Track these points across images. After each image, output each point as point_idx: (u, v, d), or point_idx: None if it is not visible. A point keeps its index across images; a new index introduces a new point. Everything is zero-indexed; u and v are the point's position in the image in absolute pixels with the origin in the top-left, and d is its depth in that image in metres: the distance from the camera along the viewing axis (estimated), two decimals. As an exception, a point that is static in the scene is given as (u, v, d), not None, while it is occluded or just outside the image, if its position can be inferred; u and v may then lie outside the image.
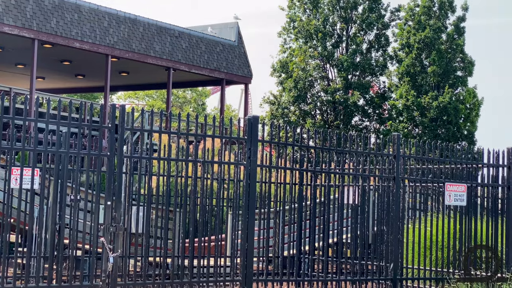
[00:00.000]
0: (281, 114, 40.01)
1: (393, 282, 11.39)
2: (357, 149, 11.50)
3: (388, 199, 11.70)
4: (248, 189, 10.00)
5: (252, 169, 10.04)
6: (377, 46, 40.38)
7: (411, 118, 38.42)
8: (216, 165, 10.42)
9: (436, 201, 12.65)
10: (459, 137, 37.63)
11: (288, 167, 10.91)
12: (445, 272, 11.90)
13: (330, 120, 39.90)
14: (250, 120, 10.15)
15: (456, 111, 37.32)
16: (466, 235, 12.14)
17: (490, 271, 11.96)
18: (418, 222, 12.37)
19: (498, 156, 12.67)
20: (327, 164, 11.31)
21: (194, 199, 10.07)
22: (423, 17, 38.91)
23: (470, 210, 12.29)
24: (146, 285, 9.44)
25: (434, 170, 12.34)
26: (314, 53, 39.97)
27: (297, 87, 39.42)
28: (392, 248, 11.47)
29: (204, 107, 63.61)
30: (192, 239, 9.96)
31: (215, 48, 31.92)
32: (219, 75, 32.15)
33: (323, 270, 11.13)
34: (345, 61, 38.96)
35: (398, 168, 11.65)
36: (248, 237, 9.93)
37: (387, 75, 40.88)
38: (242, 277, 9.86)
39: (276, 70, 40.71)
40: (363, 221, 11.56)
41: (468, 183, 12.30)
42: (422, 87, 38.53)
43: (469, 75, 38.91)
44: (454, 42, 38.47)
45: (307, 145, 11.40)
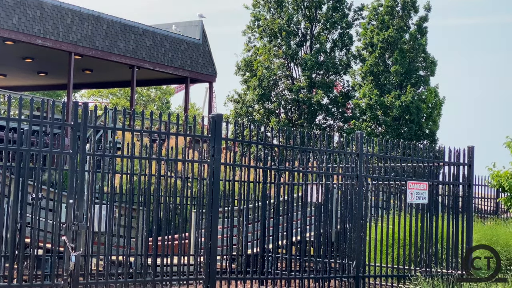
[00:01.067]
0: (246, 112, 40.02)
1: (355, 280, 11.47)
2: (321, 147, 11.56)
3: (351, 197, 11.78)
4: (211, 187, 9.99)
5: (216, 167, 10.03)
6: (341, 45, 40.61)
7: (374, 117, 38.71)
8: (180, 163, 10.39)
9: (398, 199, 12.77)
10: (421, 136, 38.01)
11: (252, 165, 10.93)
12: (407, 269, 12.01)
13: (294, 118, 40.02)
14: (214, 118, 10.14)
15: (418, 110, 37.70)
16: (427, 232, 12.26)
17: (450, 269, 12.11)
18: (381, 220, 12.47)
19: (459, 154, 12.83)
20: (291, 163, 11.34)
21: (157, 197, 10.03)
22: (387, 17, 39.22)
23: (432, 208, 12.42)
24: (108, 284, 9.38)
25: (396, 169, 12.46)
26: (279, 52, 40.06)
27: (261, 85, 39.47)
28: (354, 246, 11.55)
29: (168, 106, 63.34)
30: (156, 238, 9.92)
31: (180, 46, 31.82)
32: (183, 73, 32.05)
33: (287, 268, 11.17)
34: (309, 60, 39.11)
35: (361, 166, 11.74)
36: (212, 235, 9.92)
37: (351, 74, 41.13)
38: (205, 276, 9.85)
39: (240, 69, 40.71)
40: (326, 219, 11.62)
41: (430, 181, 12.43)
42: (385, 86, 38.84)
43: (431, 74, 39.33)
44: (416, 42, 38.85)
45: (271, 144, 11.42)
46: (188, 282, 9.88)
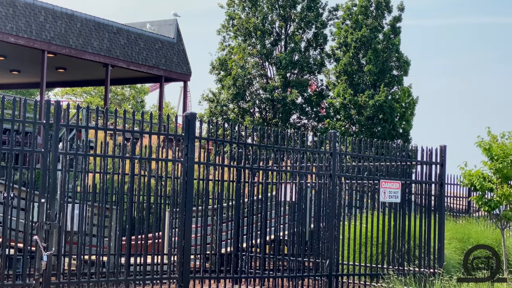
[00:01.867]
0: (220, 111, 40.00)
1: (328, 278, 11.52)
2: (295, 146, 11.59)
3: (325, 196, 11.82)
4: (185, 186, 9.97)
5: (190, 166, 10.01)
6: (315, 44, 40.74)
7: (348, 116, 38.87)
8: (153, 162, 10.36)
9: (372, 198, 12.84)
10: (395, 135, 38.25)
11: (225, 164, 10.93)
12: (380, 267, 12.08)
13: (269, 118, 40.07)
14: (187, 117, 10.13)
15: (391, 110, 37.92)
16: (400, 231, 12.35)
17: (425, 267, 12.21)
18: (354, 219, 12.53)
19: (431, 153, 12.93)
20: (265, 162, 11.36)
21: (131, 196, 10.00)
22: (360, 17, 39.40)
23: (405, 206, 12.50)
24: (81, 284, 9.33)
25: (370, 168, 12.52)
26: (253, 51, 40.09)
27: (236, 84, 39.47)
28: (328, 245, 11.60)
29: (143, 105, 63.10)
30: (129, 237, 9.89)
31: (154, 45, 31.72)
32: (157, 72, 31.95)
33: (261, 267, 11.18)
34: (283, 59, 39.18)
35: (335, 165, 11.78)
36: (185, 234, 9.91)
37: (325, 73, 41.28)
38: (178, 275, 9.83)
39: (215, 68, 40.67)
40: (300, 218, 11.65)
41: (403, 180, 12.51)
42: (359, 86, 39.02)
43: (405, 74, 39.59)
44: (390, 41, 39.08)
45: (245, 143, 11.42)
46: (161, 281, 9.85)
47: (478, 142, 14.45)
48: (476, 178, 14.32)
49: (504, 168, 13.97)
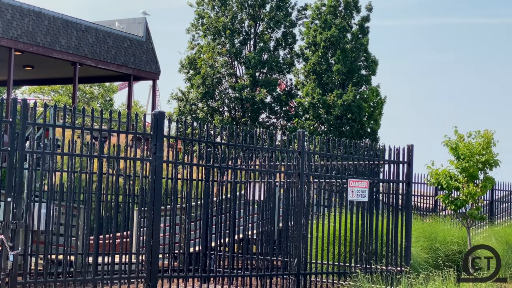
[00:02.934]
0: (189, 110, 39.93)
1: (296, 277, 11.56)
2: (263, 145, 11.61)
3: (293, 195, 11.86)
4: (153, 185, 9.94)
5: (158, 165, 9.98)
6: (284, 44, 40.84)
7: (317, 115, 39.02)
8: (122, 161, 10.31)
9: (340, 197, 12.91)
10: (363, 135, 38.49)
11: (194, 163, 10.92)
12: (347, 266, 12.16)
13: (238, 117, 40.09)
14: (156, 115, 10.09)
15: (360, 109, 38.14)
16: (367, 230, 12.43)
17: (391, 265, 12.30)
18: (322, 218, 12.59)
19: (398, 153, 13.03)
20: (234, 161, 11.37)
21: (99, 195, 9.95)
22: (329, 16, 39.58)
23: (372, 205, 12.59)
24: (47, 284, 9.26)
25: (338, 167, 12.59)
26: (222, 50, 40.07)
27: (205, 83, 39.43)
28: (296, 244, 11.64)
29: (111, 103, 62.71)
30: (97, 236, 9.83)
31: (123, 44, 31.55)
32: (126, 71, 31.79)
33: (229, 266, 11.19)
34: (252, 58, 39.21)
35: (303, 164, 11.83)
36: (154, 233, 9.88)
37: (294, 73, 41.41)
38: (146, 274, 9.80)
39: (184, 67, 40.59)
40: (269, 217, 11.67)
41: (370, 179, 12.60)
42: (327, 85, 39.19)
43: (373, 74, 39.85)
44: (358, 41, 39.30)
45: (214, 142, 11.41)
46: (129, 281, 9.81)
47: (445, 142, 14.60)
48: (442, 177, 14.46)
49: (470, 167, 14.14)
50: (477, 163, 14.13)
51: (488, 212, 21.38)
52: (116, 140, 10.25)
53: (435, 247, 15.40)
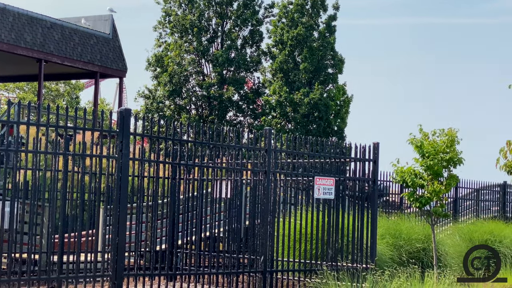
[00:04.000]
0: (156, 108, 39.77)
1: (263, 275, 11.59)
2: (230, 143, 11.61)
3: (260, 193, 11.88)
4: (119, 182, 9.88)
5: (124, 163, 9.93)
6: (251, 42, 40.87)
7: (284, 114, 39.12)
8: (88, 159, 10.24)
9: (306, 194, 12.95)
10: (330, 133, 38.68)
11: (160, 160, 10.88)
12: (314, 263, 12.21)
13: (205, 115, 40.02)
14: (122, 113, 10.04)
15: (326, 108, 38.31)
16: (334, 227, 12.49)
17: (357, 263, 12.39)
18: (289, 215, 12.62)
19: (364, 151, 13.11)
20: (201, 158, 11.35)
21: (64, 193, 9.87)
22: (296, 15, 39.69)
23: (338, 203, 12.65)
24: (11, 282, 9.16)
25: (304, 165, 12.63)
26: (190, 48, 39.97)
27: (172, 81, 39.30)
28: (262, 241, 11.66)
29: (78, 101, 62.20)
30: (62, 235, 9.75)
31: (89, 41, 31.32)
32: (93, 68, 31.57)
33: (195, 264, 11.17)
34: (220, 56, 39.17)
35: (269, 162, 11.85)
36: (119, 231, 9.83)
37: (261, 71, 41.47)
38: (112, 272, 9.74)
39: (151, 64, 40.42)
40: (236, 215, 11.68)
41: (336, 177, 12.65)
42: (294, 84, 39.30)
43: (340, 72, 40.05)
44: (325, 40, 39.46)
45: (181, 139, 11.37)
46: (94, 279, 9.75)
47: (410, 140, 14.73)
48: (408, 175, 14.59)
49: (435, 165, 14.28)
50: (441, 161, 14.28)
51: (452, 210, 21.62)
52: (81, 137, 10.16)
53: (399, 244, 15.52)
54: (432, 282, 11.50)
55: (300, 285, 12.17)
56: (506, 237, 17.70)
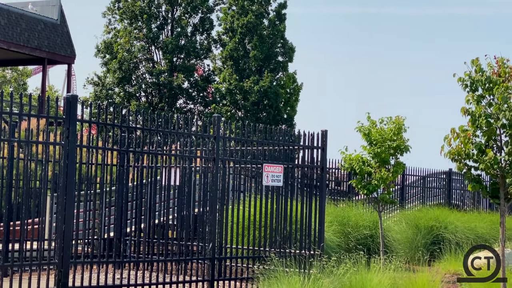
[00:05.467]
0: (106, 95, 39.39)
1: (211, 262, 11.61)
2: (178, 130, 11.57)
3: (209, 180, 11.88)
4: (66, 169, 9.77)
5: (71, 149, 9.82)
6: (201, 29, 40.71)
7: (234, 101, 39.13)
8: (34, 146, 10.10)
9: (255, 182, 12.99)
10: (280, 121, 38.84)
11: (109, 147, 10.78)
12: (262, 250, 12.27)
13: (155, 102, 39.79)
14: (68, 99, 9.91)
15: (276, 96, 38.43)
16: (282, 214, 12.56)
17: (305, 250, 12.50)
18: (238, 203, 12.65)
19: (313, 138, 13.18)
20: (149, 146, 11.28)
21: (9, 181, 9.73)
22: (246, 2, 39.65)
23: (287, 190, 12.72)
24: (-45, 271, 9.01)
25: (253, 152, 12.66)
26: (139, 35, 39.65)
27: (121, 68, 38.96)
28: (211, 229, 11.67)
29: (25, 87, 61.23)
30: (7, 223, 9.61)
31: (36, 26, 30.82)
32: (40, 54, 31.08)
33: (144, 252, 11.13)
34: (170, 43, 38.95)
35: (218, 149, 11.85)
36: (66, 219, 9.73)
37: (211, 58, 41.37)
38: (58, 260, 9.65)
39: (100, 51, 40.00)
40: (185, 203, 11.65)
41: (285, 164, 12.71)
42: (244, 71, 39.32)
43: (290, 60, 40.18)
44: (275, 28, 39.53)
45: (129, 126, 11.28)
46: (40, 267, 9.64)
47: (358, 127, 14.89)
48: (356, 162, 14.77)
49: (382, 153, 14.48)
50: (388, 148, 14.48)
51: (399, 197, 21.94)
52: (27, 124, 10.01)
53: (347, 231, 15.71)
54: (378, 268, 11.67)
55: (248, 272, 12.23)
56: (451, 223, 18.06)
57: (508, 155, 10.75)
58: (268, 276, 10.73)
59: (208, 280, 11.57)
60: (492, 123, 10.75)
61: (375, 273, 11.47)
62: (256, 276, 11.74)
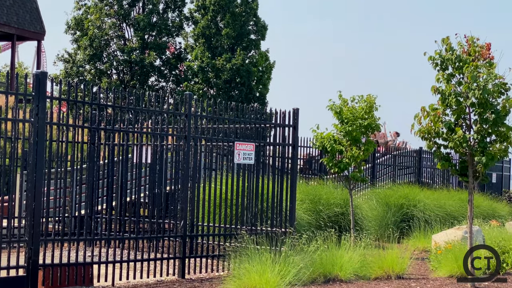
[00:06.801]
0: (76, 73, 39.04)
1: (183, 239, 11.63)
2: (150, 108, 11.53)
3: (181, 158, 11.87)
4: (35, 147, 9.70)
5: (40, 127, 9.74)
6: (173, 6, 40.41)
7: (206, 79, 39.00)
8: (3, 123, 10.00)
9: (227, 160, 13.01)
10: (252, 99, 38.81)
11: (79, 125, 10.70)
12: (234, 228, 12.32)
13: (127, 80, 39.53)
14: (38, 76, 9.82)
15: (248, 74, 38.37)
16: (253, 192, 12.60)
17: (281, 227, 12.56)
18: (209, 181, 12.66)
19: (284, 116, 13.21)
20: (121, 123, 11.22)
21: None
22: (217, -21, 39.41)
23: (259, 168, 12.76)
24: None
25: (225, 130, 12.66)
26: (111, 12, 39.27)
27: (92, 45, 38.60)
28: (183, 206, 11.69)
29: (-6, 64, 60.44)
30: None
31: (5, 2, 30.38)
32: (9, 30, 30.68)
33: (115, 229, 11.12)
34: (141, 20, 38.65)
35: (189, 127, 11.83)
36: (36, 196, 9.67)
37: (183, 36, 41.13)
38: (28, 238, 9.61)
39: (71, 28, 39.57)
40: (157, 180, 11.64)
41: (257, 142, 12.74)
42: (216, 49, 39.17)
43: (262, 38, 40.08)
44: (248, 5, 39.36)
45: (100, 103, 11.20)
46: (10, 245, 9.59)
47: (329, 106, 14.95)
48: (327, 141, 14.83)
49: (354, 131, 14.56)
50: (360, 127, 14.56)
51: (370, 175, 22.10)
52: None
53: (319, 209, 15.81)
54: (348, 245, 11.78)
55: (220, 249, 12.28)
56: (420, 201, 18.27)
57: (476, 133, 10.87)
58: (239, 253, 10.79)
59: (180, 258, 11.60)
60: (462, 102, 10.85)
61: (346, 250, 11.58)
62: (227, 253, 11.79)
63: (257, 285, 9.61)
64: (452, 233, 14.28)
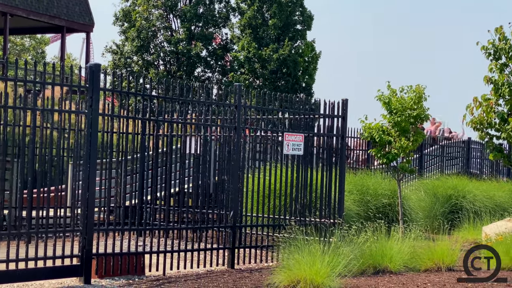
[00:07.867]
0: (124, 64, 39.46)
1: (232, 229, 11.71)
2: (199, 99, 11.61)
3: (229, 149, 11.94)
4: (89, 138, 9.87)
5: (94, 118, 9.90)
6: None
7: (252, 70, 39.05)
8: (57, 114, 10.18)
9: (275, 150, 13.04)
10: (298, 89, 38.75)
11: (130, 116, 10.84)
12: (282, 219, 12.35)
13: (173, 71, 39.81)
14: (91, 68, 9.97)
15: (295, 64, 38.31)
16: (302, 183, 12.62)
17: (325, 217, 12.57)
18: (258, 171, 12.72)
19: (333, 107, 13.18)
20: (170, 114, 11.34)
21: (32, 149, 9.83)
22: (266, -30, 39.38)
23: (307, 159, 12.76)
24: (-18, 237, 9.17)
25: (273, 121, 12.69)
26: (158, 3, 39.55)
27: (140, 37, 38.95)
28: (232, 197, 11.76)
29: (43, 55, 61.43)
30: (31, 190, 9.73)
31: (55, -6, 30.84)
32: (59, 23, 31.14)
33: (165, 219, 11.25)
34: (188, 11, 38.85)
35: (239, 118, 11.88)
36: (90, 187, 9.84)
37: (230, 27, 41.23)
38: (82, 227, 9.78)
39: (119, 19, 39.98)
40: (204, 171, 11.74)
41: (305, 133, 12.74)
42: (263, 40, 39.17)
43: (308, 29, 39.97)
44: (294, -4, 39.29)
45: (150, 95, 11.33)
46: (64, 234, 9.78)
47: (378, 96, 14.87)
48: (375, 131, 14.77)
49: (402, 122, 14.47)
50: (408, 117, 14.47)
51: (418, 166, 21.93)
52: (50, 93, 10.09)
53: (366, 199, 15.75)
54: (398, 236, 11.73)
55: (268, 240, 12.33)
56: (469, 192, 18.06)
57: (530, 124, 10.72)
58: (288, 244, 10.82)
59: (229, 248, 11.69)
60: (515, 92, 10.71)
61: (395, 242, 11.54)
62: (276, 244, 11.84)
63: (307, 276, 9.64)
64: (503, 225, 14.12)
